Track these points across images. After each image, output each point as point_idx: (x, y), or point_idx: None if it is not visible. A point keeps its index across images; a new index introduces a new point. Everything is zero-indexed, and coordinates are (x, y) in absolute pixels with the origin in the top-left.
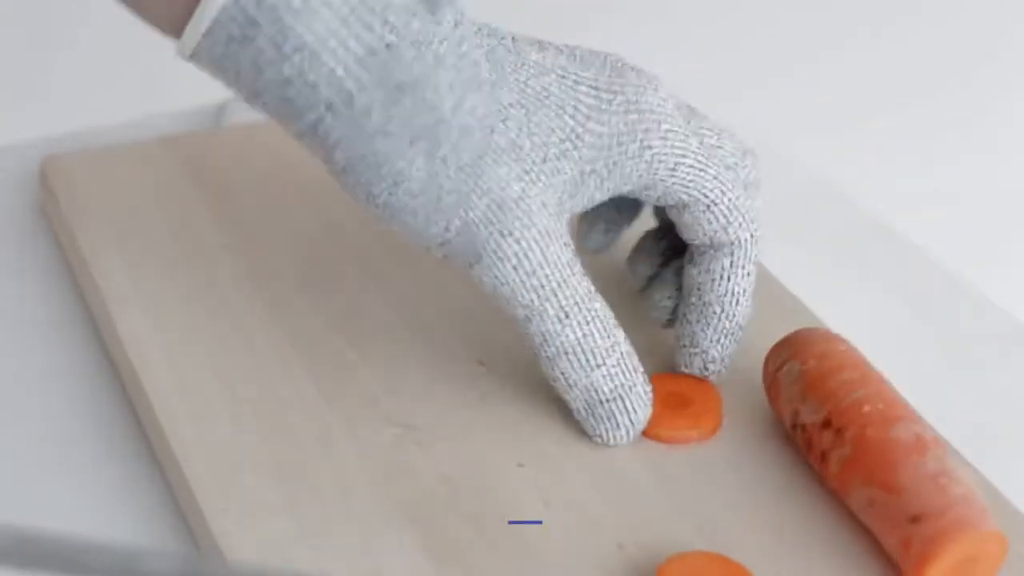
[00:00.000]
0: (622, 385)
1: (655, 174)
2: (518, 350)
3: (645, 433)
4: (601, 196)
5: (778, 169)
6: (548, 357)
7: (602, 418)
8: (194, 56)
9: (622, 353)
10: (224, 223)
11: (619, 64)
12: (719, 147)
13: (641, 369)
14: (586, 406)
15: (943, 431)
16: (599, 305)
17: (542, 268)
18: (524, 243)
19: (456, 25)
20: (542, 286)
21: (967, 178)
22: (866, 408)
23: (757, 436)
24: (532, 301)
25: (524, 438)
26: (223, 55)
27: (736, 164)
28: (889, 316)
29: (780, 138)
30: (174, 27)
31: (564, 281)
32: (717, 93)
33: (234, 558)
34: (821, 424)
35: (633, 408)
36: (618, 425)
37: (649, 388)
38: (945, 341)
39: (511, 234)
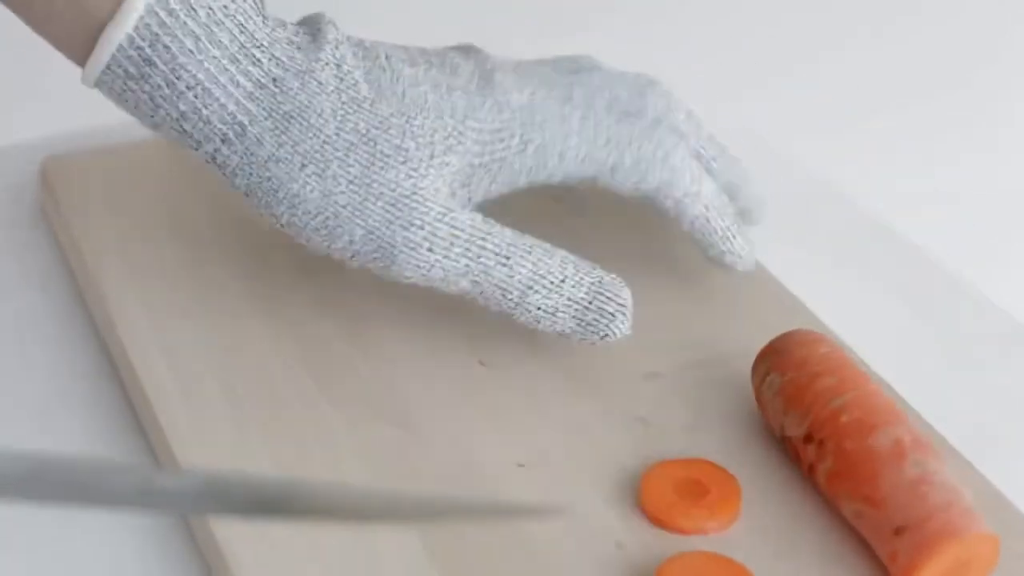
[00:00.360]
0: (592, 283)
1: (545, 164)
2: (519, 350)
3: (661, 525)
4: (498, 189)
5: (778, 169)
6: (518, 302)
7: (595, 320)
8: (97, 86)
9: (574, 262)
10: (224, 223)
11: (487, 68)
12: (612, 102)
13: (596, 265)
14: (576, 321)
15: (943, 431)
16: (530, 238)
17: (458, 236)
18: (428, 226)
19: (336, 47)
20: (468, 249)
21: (967, 178)
22: (843, 419)
23: (752, 438)
24: (467, 266)
25: (524, 438)
26: (123, 89)
27: (640, 108)
28: (889, 316)
29: (780, 138)
30: (77, 58)
31: (487, 234)
32: (717, 93)
33: (233, 555)
34: (803, 438)
35: (615, 293)
36: (612, 315)
37: (613, 274)
38: (945, 341)
39: (412, 224)
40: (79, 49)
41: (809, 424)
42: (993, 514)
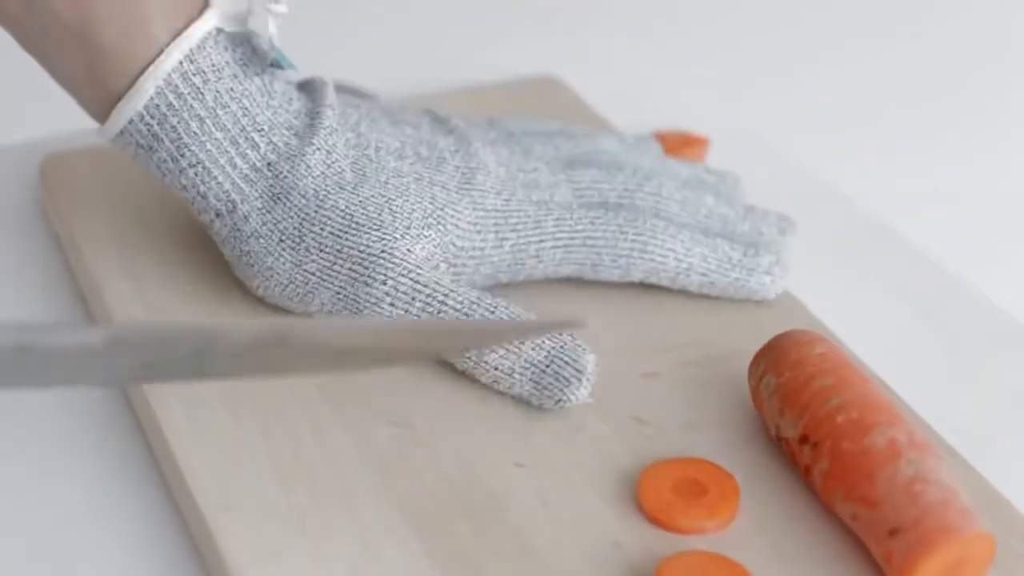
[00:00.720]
0: (553, 347)
1: (523, 263)
2: None
3: (659, 524)
4: (479, 278)
5: (778, 169)
6: (476, 361)
7: (551, 383)
8: (114, 144)
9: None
10: None
11: (471, 167)
12: (595, 202)
13: (567, 331)
14: (533, 384)
15: (943, 431)
16: (500, 300)
17: (420, 292)
18: (391, 281)
19: (330, 134)
20: (428, 305)
21: (967, 178)
22: (839, 419)
23: (750, 438)
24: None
25: (524, 438)
26: (134, 155)
27: (626, 202)
28: (889, 316)
29: (780, 138)
30: (97, 120)
31: (450, 292)
32: (717, 93)
33: (232, 556)
34: (799, 440)
35: (574, 359)
36: (568, 380)
37: (580, 342)
38: (945, 341)
39: (375, 279)
40: (97, 115)
41: (804, 426)
42: (992, 513)
